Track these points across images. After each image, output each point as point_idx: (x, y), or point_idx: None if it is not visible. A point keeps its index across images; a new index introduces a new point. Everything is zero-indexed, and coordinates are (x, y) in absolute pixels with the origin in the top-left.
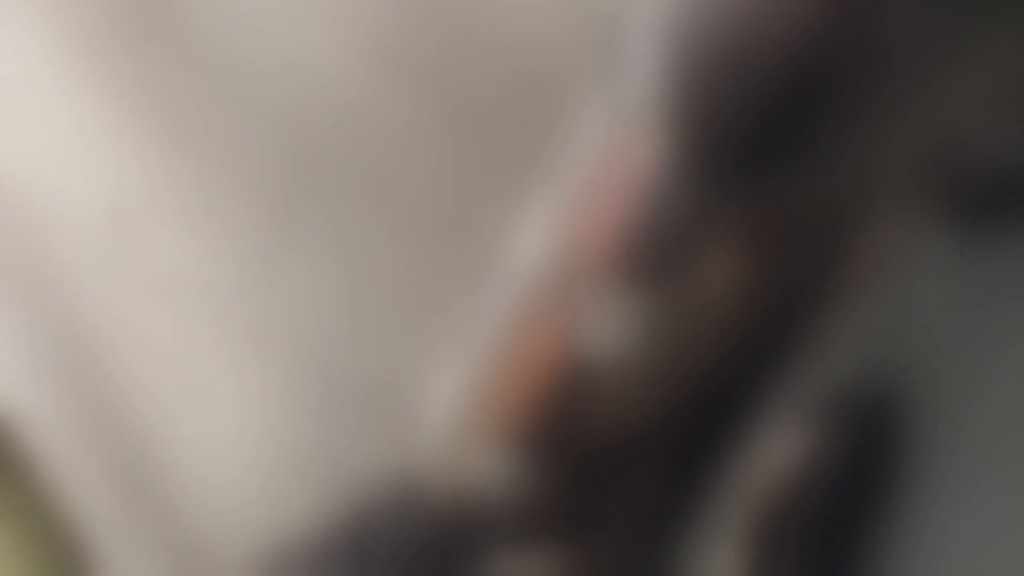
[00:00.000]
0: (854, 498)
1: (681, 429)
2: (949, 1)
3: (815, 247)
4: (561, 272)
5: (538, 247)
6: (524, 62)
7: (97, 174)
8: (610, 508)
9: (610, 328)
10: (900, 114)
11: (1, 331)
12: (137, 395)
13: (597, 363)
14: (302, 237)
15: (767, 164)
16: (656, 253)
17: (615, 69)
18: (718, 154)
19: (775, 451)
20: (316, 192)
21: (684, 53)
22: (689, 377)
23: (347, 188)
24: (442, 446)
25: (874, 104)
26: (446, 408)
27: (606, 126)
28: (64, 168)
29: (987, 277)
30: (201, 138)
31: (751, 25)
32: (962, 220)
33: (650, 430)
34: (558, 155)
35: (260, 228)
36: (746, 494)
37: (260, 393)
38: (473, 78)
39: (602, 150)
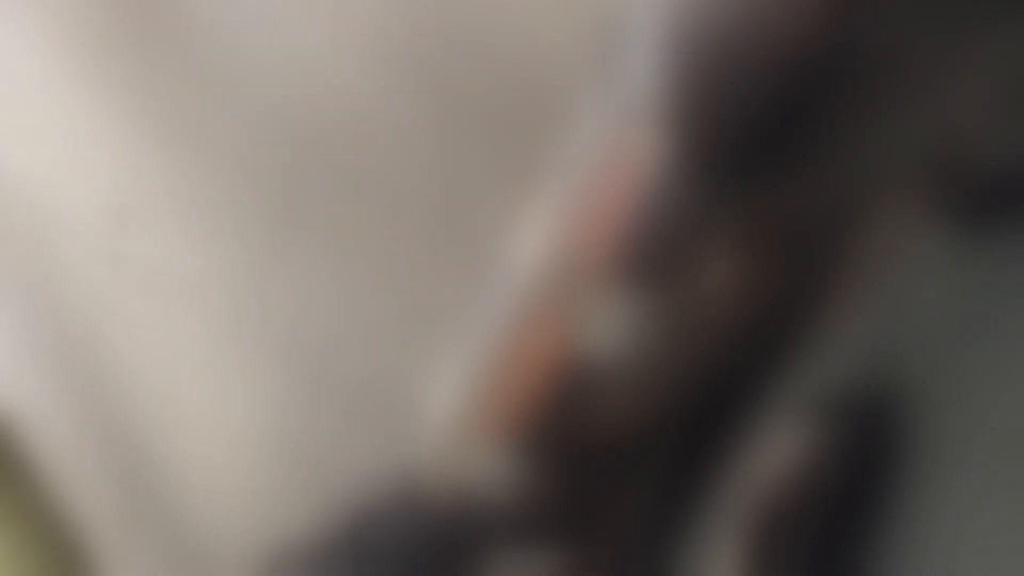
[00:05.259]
0: (854, 498)
1: (681, 429)
2: (949, 1)
3: (815, 247)
4: (561, 272)
5: (539, 247)
6: (525, 63)
7: (97, 173)
8: (610, 508)
9: (610, 328)
10: (900, 114)
11: (0, 331)
12: (137, 395)
13: (597, 363)
14: (303, 236)
15: (767, 165)
16: (656, 253)
17: (616, 70)
18: (718, 154)
19: (775, 451)
20: (316, 192)
21: (684, 54)
22: (689, 377)
23: (347, 187)
24: (442, 446)
25: (874, 104)
26: (446, 408)
27: (606, 127)
28: (63, 167)
29: (987, 277)
30: (201, 138)
31: (751, 25)
32: (962, 220)
33: (650, 430)
34: (559, 155)
35: (261, 227)
36: (746, 494)
37: (260, 393)
38: (473, 78)
39: (602, 151)
